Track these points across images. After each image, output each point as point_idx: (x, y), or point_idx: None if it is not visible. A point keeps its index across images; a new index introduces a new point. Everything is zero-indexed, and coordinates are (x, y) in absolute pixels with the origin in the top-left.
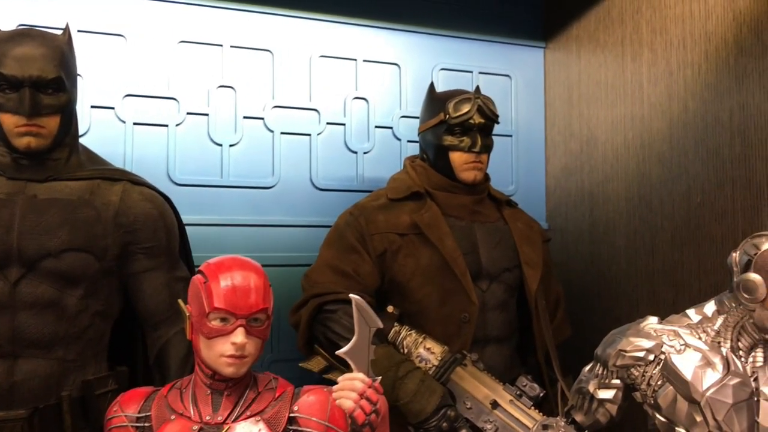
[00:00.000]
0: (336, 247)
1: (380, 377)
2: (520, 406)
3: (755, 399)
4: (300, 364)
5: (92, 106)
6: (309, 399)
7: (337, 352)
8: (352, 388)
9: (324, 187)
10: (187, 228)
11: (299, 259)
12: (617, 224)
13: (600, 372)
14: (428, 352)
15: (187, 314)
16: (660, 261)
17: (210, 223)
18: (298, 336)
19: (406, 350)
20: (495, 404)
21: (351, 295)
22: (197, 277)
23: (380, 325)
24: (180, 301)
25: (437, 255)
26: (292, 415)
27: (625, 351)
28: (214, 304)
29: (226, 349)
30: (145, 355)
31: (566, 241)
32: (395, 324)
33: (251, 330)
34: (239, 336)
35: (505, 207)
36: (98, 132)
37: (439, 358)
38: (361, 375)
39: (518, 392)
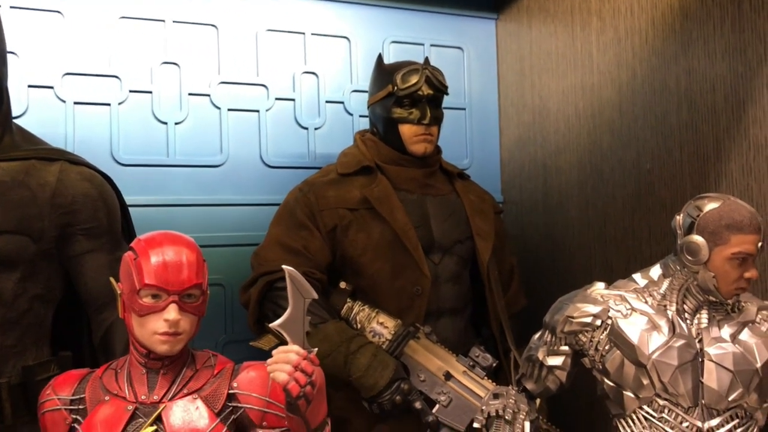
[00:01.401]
0: (285, 224)
1: (316, 349)
2: (473, 376)
3: (700, 360)
4: (251, 343)
5: (29, 86)
6: (249, 375)
7: (270, 325)
8: (286, 360)
9: (274, 165)
10: (133, 209)
11: (250, 238)
12: (570, 194)
13: (548, 339)
14: (381, 326)
15: (119, 292)
16: (612, 229)
17: (157, 204)
18: (249, 315)
19: (359, 326)
20: (448, 376)
21: (284, 267)
22: (128, 253)
23: (315, 296)
24: (111, 279)
25: (388, 229)
26: (231, 391)
27: (573, 317)
28: (144, 281)
29: (159, 326)
30: (91, 339)
31: (521, 213)
32: (348, 300)
33: (185, 306)
34: (172, 313)
35: (457, 179)
36: (37, 112)
37: (392, 332)
38: (296, 347)
39: (471, 363)
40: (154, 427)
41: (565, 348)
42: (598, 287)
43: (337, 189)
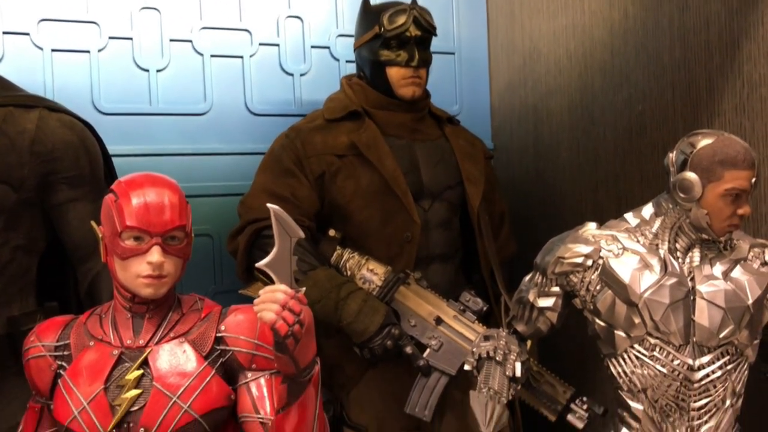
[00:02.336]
0: (272, 172)
1: (304, 288)
2: (463, 320)
3: (691, 298)
4: (240, 291)
5: (4, 32)
6: (237, 318)
7: (257, 264)
8: (273, 299)
9: (260, 112)
10: (116, 159)
11: (236, 188)
12: (561, 138)
13: (539, 280)
14: (371, 273)
15: (100, 235)
16: (603, 172)
17: (140, 153)
18: (237, 263)
19: (349, 273)
20: (439, 320)
21: (269, 205)
22: (108, 196)
23: (301, 234)
24: (93, 222)
25: (377, 176)
26: (219, 334)
27: (564, 258)
28: (125, 223)
29: (142, 269)
30: (77, 289)
31: (511, 159)
32: (338, 247)
33: (168, 249)
34: (155, 255)
35: (446, 124)
36: (13, 60)
37: (383, 279)
38: (283, 286)
39: (462, 308)
40: (141, 371)
41: (556, 289)
42: (590, 228)
43: (324, 135)
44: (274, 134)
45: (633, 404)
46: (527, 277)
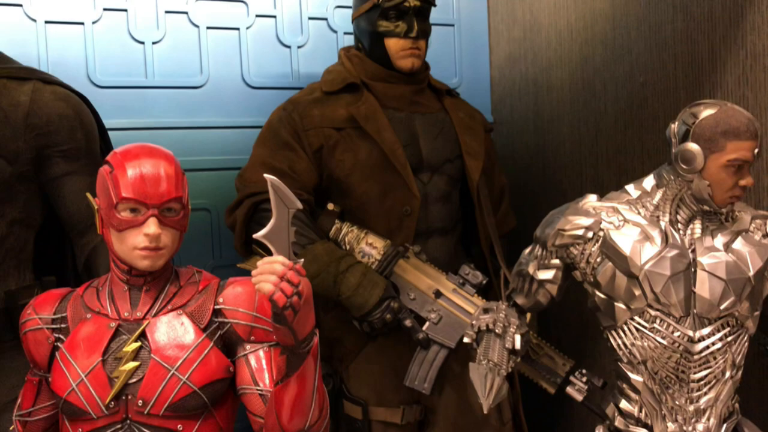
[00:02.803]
0: (269, 145)
1: (302, 259)
2: (463, 294)
3: (692, 270)
4: (238, 265)
5: None
6: (235, 290)
7: (254, 236)
8: (271, 271)
9: (257, 85)
10: (112, 133)
11: (234, 162)
12: (561, 112)
13: (539, 253)
14: (370, 247)
15: (96, 207)
16: (604, 146)
17: (136, 127)
18: (235, 237)
19: (348, 247)
20: (438, 293)
21: (266, 176)
22: (103, 167)
23: (299, 205)
24: (88, 194)
25: (376, 149)
26: (217, 307)
27: (564, 230)
28: (121, 194)
29: (139, 241)
30: (75, 264)
31: (511, 133)
32: (336, 221)
33: (165, 220)
34: (152, 226)
35: (445, 97)
36: (6, 32)
37: (382, 252)
38: (281, 257)
39: (461, 281)
40: (138, 344)
41: (556, 261)
42: (590, 200)
43: (322, 108)
44: (272, 107)
45: (633, 376)
46: (527, 250)
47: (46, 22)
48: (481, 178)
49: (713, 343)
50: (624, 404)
